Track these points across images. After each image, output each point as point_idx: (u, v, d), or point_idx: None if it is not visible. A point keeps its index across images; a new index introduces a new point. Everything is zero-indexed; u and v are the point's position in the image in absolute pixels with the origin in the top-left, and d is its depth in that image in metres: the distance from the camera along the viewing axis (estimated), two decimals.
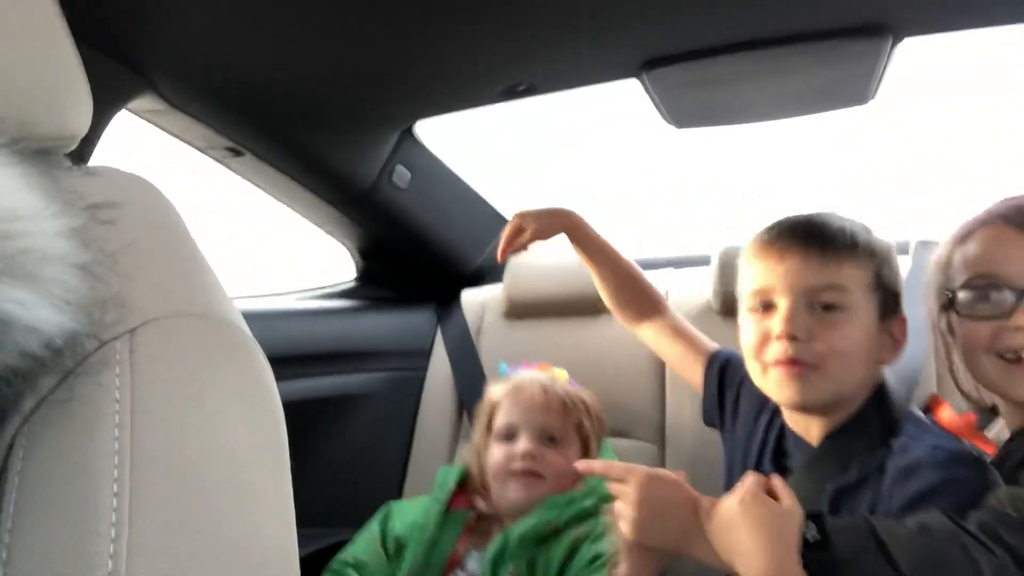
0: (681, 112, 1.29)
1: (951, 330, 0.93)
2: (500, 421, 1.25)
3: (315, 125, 1.33)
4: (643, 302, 1.27)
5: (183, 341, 0.40)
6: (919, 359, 1.10)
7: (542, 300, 1.57)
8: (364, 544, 1.28)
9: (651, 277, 1.60)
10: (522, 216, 1.25)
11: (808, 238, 0.95)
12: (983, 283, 0.87)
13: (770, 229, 1.00)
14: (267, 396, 0.44)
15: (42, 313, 0.34)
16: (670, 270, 1.67)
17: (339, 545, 1.30)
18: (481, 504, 1.25)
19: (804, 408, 0.96)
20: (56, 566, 0.32)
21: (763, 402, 1.06)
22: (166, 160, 1.31)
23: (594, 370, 1.28)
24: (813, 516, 0.78)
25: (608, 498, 0.97)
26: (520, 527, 1.15)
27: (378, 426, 1.60)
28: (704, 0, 0.98)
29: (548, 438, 1.23)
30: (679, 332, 1.24)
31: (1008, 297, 0.84)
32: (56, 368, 0.36)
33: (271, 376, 0.45)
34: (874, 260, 0.96)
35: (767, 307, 0.96)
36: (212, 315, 0.43)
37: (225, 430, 0.39)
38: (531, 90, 1.27)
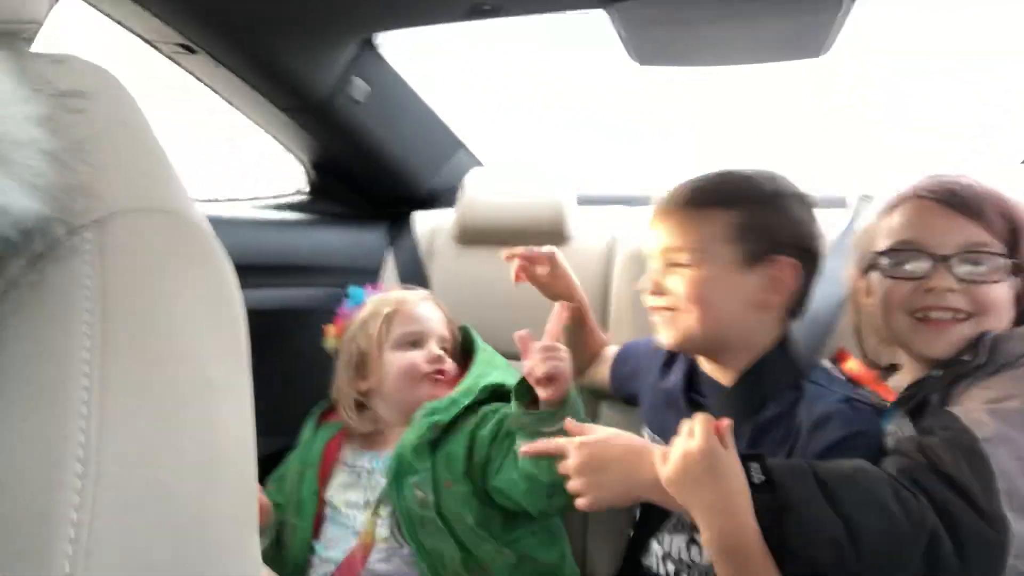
0: (645, 49, 1.29)
1: (868, 292, 1.01)
2: (404, 329, 1.28)
3: (273, 28, 1.28)
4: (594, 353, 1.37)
5: (152, 235, 0.41)
6: (833, 309, 1.16)
7: (494, 227, 1.58)
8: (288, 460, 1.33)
9: (598, 213, 1.63)
10: (551, 257, 1.29)
11: (668, 203, 1.06)
12: (905, 249, 0.96)
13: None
14: (231, 298, 0.45)
15: (12, 196, 0.35)
16: (620, 207, 1.69)
17: (276, 455, 1.34)
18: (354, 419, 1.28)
19: (681, 348, 1.08)
20: (30, 443, 0.34)
21: (658, 355, 1.19)
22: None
23: (538, 298, 1.31)
24: (755, 457, 0.83)
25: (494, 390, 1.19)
26: (409, 436, 1.17)
27: (320, 342, 1.61)
28: None
29: (442, 349, 1.29)
30: (602, 358, 1.35)
31: (926, 263, 0.93)
32: (26, 252, 0.36)
33: (234, 279, 0.46)
34: (736, 210, 1.01)
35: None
36: (180, 212, 0.43)
37: (190, 326, 0.40)
38: (496, 10, 1.24)
